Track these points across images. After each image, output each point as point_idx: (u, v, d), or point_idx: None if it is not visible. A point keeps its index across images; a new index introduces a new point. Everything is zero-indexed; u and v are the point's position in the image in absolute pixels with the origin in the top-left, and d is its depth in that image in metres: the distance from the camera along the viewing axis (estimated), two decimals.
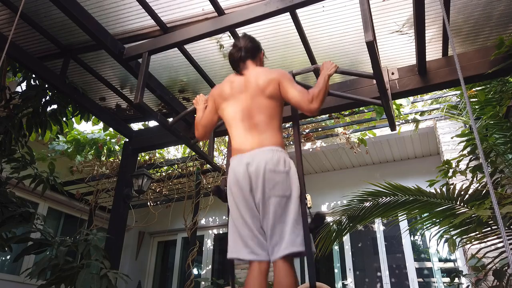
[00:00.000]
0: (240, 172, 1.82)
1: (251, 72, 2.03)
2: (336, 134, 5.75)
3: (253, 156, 1.82)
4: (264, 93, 1.93)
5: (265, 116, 1.91)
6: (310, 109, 1.86)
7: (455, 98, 5.18)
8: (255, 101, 1.93)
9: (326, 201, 6.45)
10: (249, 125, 1.92)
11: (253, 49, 2.10)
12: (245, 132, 1.92)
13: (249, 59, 2.07)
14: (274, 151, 1.83)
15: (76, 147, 5.70)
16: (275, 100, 1.94)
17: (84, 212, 6.50)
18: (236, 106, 1.98)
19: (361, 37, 3.12)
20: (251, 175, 1.79)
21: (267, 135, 1.88)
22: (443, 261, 5.73)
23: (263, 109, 1.92)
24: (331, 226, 3.61)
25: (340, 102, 3.39)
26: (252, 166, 1.80)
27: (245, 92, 1.97)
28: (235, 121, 1.97)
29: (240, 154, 1.89)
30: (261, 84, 1.94)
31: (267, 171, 1.77)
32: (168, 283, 7.54)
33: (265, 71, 2.02)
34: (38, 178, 3.48)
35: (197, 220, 5.50)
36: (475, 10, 2.92)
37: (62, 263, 2.93)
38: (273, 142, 1.86)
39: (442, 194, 2.93)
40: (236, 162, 1.88)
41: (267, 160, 1.79)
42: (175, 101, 3.93)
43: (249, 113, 1.93)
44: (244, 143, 1.90)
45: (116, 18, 3.13)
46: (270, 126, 1.90)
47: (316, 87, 1.91)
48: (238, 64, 2.06)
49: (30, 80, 3.85)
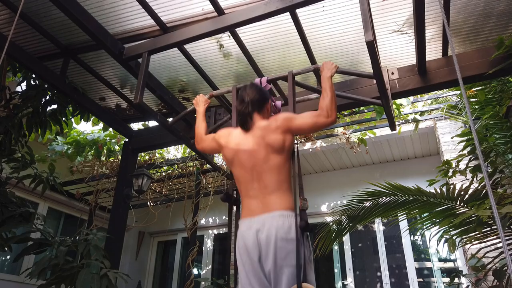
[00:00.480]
0: (250, 240, 1.76)
1: (257, 127, 1.96)
2: (336, 134, 5.75)
3: (263, 222, 1.75)
4: (272, 148, 1.87)
5: (274, 174, 1.84)
6: (330, 122, 1.88)
7: (455, 98, 5.18)
8: (263, 159, 1.87)
9: (326, 201, 6.45)
10: (258, 184, 1.86)
11: (260, 101, 2.02)
12: (254, 193, 1.86)
13: (255, 112, 2.00)
14: (284, 216, 1.75)
15: (76, 148, 5.70)
16: (283, 154, 1.88)
17: (84, 212, 6.50)
18: (243, 164, 1.92)
19: (361, 37, 3.12)
20: (261, 243, 1.73)
21: (276, 197, 1.81)
22: (443, 261, 5.73)
23: (272, 167, 1.85)
24: (331, 226, 3.61)
25: (340, 102, 3.38)
26: (262, 233, 1.73)
27: (253, 150, 1.91)
28: (243, 179, 1.92)
29: (249, 217, 1.83)
30: (271, 141, 1.88)
31: (278, 240, 1.69)
32: (168, 283, 7.54)
33: (271, 124, 1.94)
34: (38, 178, 3.48)
35: (197, 220, 5.50)
36: (475, 10, 2.93)
37: (62, 263, 2.93)
38: (283, 205, 1.79)
39: (442, 194, 2.93)
40: (245, 227, 1.82)
41: (277, 228, 1.71)
42: (175, 101, 3.93)
43: (257, 172, 1.87)
44: (253, 205, 1.84)
45: (116, 18, 3.13)
46: (280, 186, 1.83)
47: (326, 98, 1.91)
48: (246, 120, 1.99)
49: (30, 80, 3.85)
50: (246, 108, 1.98)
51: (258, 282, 1.74)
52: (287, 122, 1.91)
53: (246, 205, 1.88)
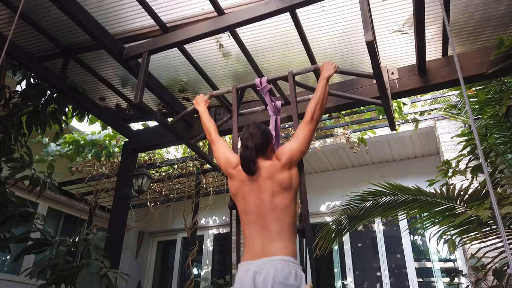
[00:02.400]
0: (247, 283, 1.69)
1: (262, 170, 1.91)
2: (336, 134, 5.75)
3: (262, 265, 1.70)
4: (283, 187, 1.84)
5: (279, 218, 1.80)
6: (314, 125, 1.95)
7: (455, 98, 5.18)
8: (269, 201, 1.83)
9: (326, 201, 6.45)
10: (261, 228, 1.81)
11: (264, 145, 1.98)
12: (256, 234, 1.81)
13: (259, 156, 1.96)
14: (285, 262, 1.69)
15: (76, 149, 5.70)
16: (291, 191, 1.86)
17: (84, 212, 6.50)
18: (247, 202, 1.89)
19: (361, 37, 3.12)
20: (257, 285, 1.66)
21: (278, 242, 1.75)
22: (443, 261, 5.73)
23: (277, 209, 1.81)
24: (331, 226, 3.61)
25: (340, 102, 3.39)
26: (260, 276, 1.67)
27: (258, 195, 1.87)
28: (246, 218, 1.89)
29: (248, 261, 1.77)
30: (279, 180, 1.85)
31: (276, 284, 1.63)
32: (168, 283, 7.54)
33: (275, 163, 1.92)
34: (35, 180, 3.46)
35: (197, 220, 5.50)
36: (476, 10, 2.93)
37: (62, 263, 2.93)
38: (285, 251, 1.73)
39: (442, 194, 2.93)
40: (243, 270, 1.76)
41: (276, 272, 1.66)
42: (175, 101, 3.93)
43: (261, 217, 1.82)
44: (254, 248, 1.79)
45: (116, 18, 3.13)
46: (283, 231, 1.78)
47: (312, 100, 1.95)
48: (249, 167, 1.91)
49: (30, 79, 3.85)
50: (250, 154, 1.92)
51: None
52: (290, 156, 1.90)
53: (247, 247, 1.83)
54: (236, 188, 1.97)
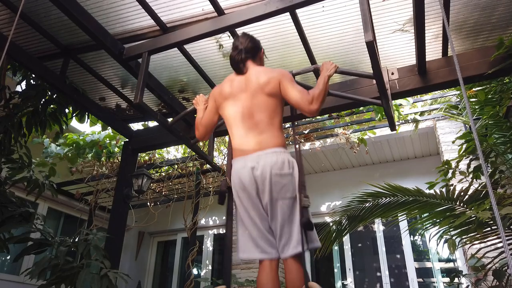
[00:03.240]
0: (246, 177, 1.85)
1: (251, 71, 2.04)
2: (336, 134, 5.75)
3: (258, 160, 1.85)
4: (264, 91, 1.94)
5: (266, 115, 1.92)
6: (310, 109, 1.87)
7: (455, 98, 5.18)
8: (255, 100, 1.95)
9: (326, 201, 6.45)
10: (250, 124, 1.93)
11: (253, 49, 2.11)
12: (246, 132, 1.93)
13: (249, 59, 2.08)
14: (277, 153, 1.85)
15: (76, 150, 5.69)
16: (275, 98, 1.95)
17: (84, 212, 6.50)
18: (236, 105, 2.00)
19: (361, 37, 3.12)
20: (257, 179, 1.83)
21: (268, 135, 1.89)
22: (443, 261, 5.73)
23: (263, 107, 1.93)
24: (331, 227, 3.61)
25: (340, 102, 3.39)
26: (257, 170, 1.83)
27: (246, 91, 1.99)
28: (235, 121, 1.98)
29: (243, 156, 1.90)
30: (261, 82, 1.96)
31: (273, 175, 1.81)
32: (168, 283, 7.54)
33: (266, 70, 2.03)
34: (33, 182, 3.46)
35: (197, 220, 5.50)
36: (476, 10, 2.93)
37: (62, 263, 2.93)
38: (275, 143, 1.88)
39: (442, 195, 2.93)
40: (240, 165, 1.90)
41: (272, 164, 1.82)
42: (175, 101, 3.93)
43: (249, 112, 1.94)
44: (246, 144, 1.91)
45: (116, 18, 3.13)
46: (271, 125, 1.91)
47: (316, 89, 1.92)
48: (238, 66, 2.07)
49: (30, 79, 3.85)
50: (239, 55, 2.06)
51: (257, 213, 1.85)
52: (282, 77, 1.96)
53: (238, 144, 1.94)
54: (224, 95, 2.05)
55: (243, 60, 2.06)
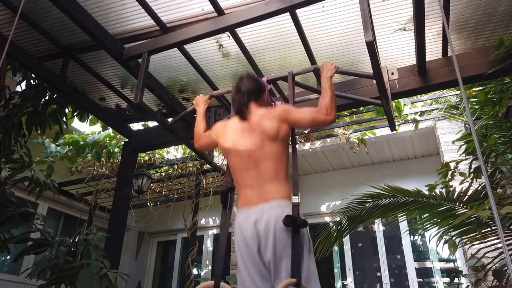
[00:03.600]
0: (248, 231, 1.74)
1: (254, 116, 1.95)
2: (336, 134, 5.75)
3: (261, 213, 1.73)
4: (269, 136, 1.86)
5: (271, 163, 1.82)
6: (329, 120, 1.86)
7: (455, 98, 5.18)
8: (259, 148, 1.86)
9: (325, 201, 6.45)
10: (255, 174, 1.83)
11: (257, 91, 2.03)
12: (250, 182, 1.84)
13: (252, 101, 2.00)
14: (282, 206, 1.73)
15: (76, 150, 5.69)
16: (280, 143, 1.87)
17: (84, 212, 6.50)
18: (240, 153, 1.90)
19: (361, 37, 3.12)
20: (259, 234, 1.72)
21: (273, 186, 1.79)
22: (443, 261, 5.73)
23: (268, 155, 1.84)
24: (331, 227, 3.61)
25: (340, 102, 3.38)
26: (261, 224, 1.72)
27: (250, 138, 1.90)
28: (240, 170, 1.90)
29: (246, 208, 1.80)
30: (265, 128, 1.87)
31: (277, 230, 1.68)
32: (168, 283, 7.54)
33: (268, 113, 1.95)
34: (35, 181, 3.46)
35: (197, 220, 5.50)
36: (476, 10, 2.93)
37: (62, 263, 2.93)
38: (280, 194, 1.77)
39: (441, 196, 2.93)
40: (243, 218, 1.79)
41: (276, 218, 1.69)
42: (175, 101, 3.93)
43: (254, 160, 1.85)
44: (250, 195, 1.81)
45: (116, 18, 3.13)
46: (277, 175, 1.81)
47: (325, 97, 1.90)
48: (241, 110, 1.99)
49: (30, 79, 3.85)
50: (242, 98, 1.99)
51: (258, 273, 1.73)
52: (285, 113, 1.90)
53: (242, 194, 1.85)
54: (228, 142, 1.97)
55: (246, 103, 1.98)
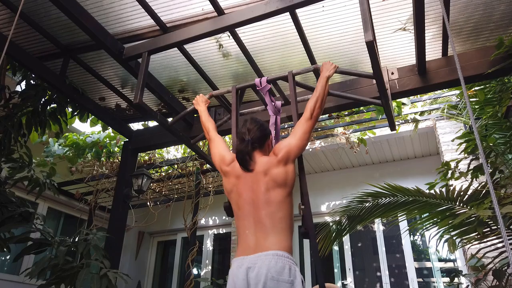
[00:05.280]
0: (239, 278, 1.65)
1: (258, 163, 1.90)
2: (336, 134, 5.75)
3: (256, 260, 1.66)
4: (278, 183, 1.81)
5: (273, 212, 1.77)
6: (313, 123, 1.93)
7: (455, 98, 5.18)
8: (263, 195, 1.80)
9: (326, 201, 6.45)
10: (255, 222, 1.78)
11: (261, 138, 1.97)
12: (251, 229, 1.78)
13: (256, 150, 1.95)
14: (279, 257, 1.65)
15: (76, 151, 5.69)
16: (287, 187, 1.83)
17: (83, 212, 6.50)
18: (242, 198, 1.86)
19: (361, 37, 3.12)
20: (250, 281, 1.62)
21: (274, 237, 1.72)
22: (443, 261, 5.73)
23: (271, 203, 1.78)
24: (331, 227, 3.61)
25: (340, 102, 3.39)
26: (253, 271, 1.63)
27: (254, 188, 1.84)
28: (241, 215, 1.85)
29: (242, 256, 1.73)
30: (274, 176, 1.83)
31: (268, 279, 1.59)
32: (168, 283, 7.54)
33: (271, 159, 1.90)
34: (34, 181, 3.46)
35: (196, 220, 5.50)
36: (476, 10, 2.92)
37: (62, 263, 2.93)
38: (279, 246, 1.69)
39: (441, 195, 2.93)
40: (236, 265, 1.72)
41: (269, 267, 1.61)
42: (175, 101, 3.93)
43: (256, 208, 1.80)
44: (248, 244, 1.75)
45: (116, 18, 3.13)
46: (279, 226, 1.75)
47: (312, 98, 1.93)
48: (245, 158, 1.90)
49: (30, 79, 3.85)
50: (246, 147, 1.91)
51: None
52: (287, 152, 1.87)
53: (241, 242, 1.80)
54: (231, 184, 1.94)
55: (249, 153, 1.91)
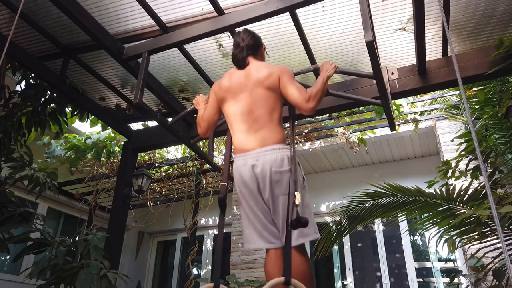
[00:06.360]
0: (247, 175, 1.90)
1: (252, 66, 2.07)
2: (336, 134, 5.75)
3: (258, 158, 1.88)
4: (263, 84, 1.97)
5: (265, 110, 1.95)
6: (307, 107, 1.90)
7: (455, 98, 5.18)
8: (254, 94, 1.97)
9: (325, 201, 6.45)
10: (249, 120, 1.96)
11: (255, 46, 2.14)
12: (246, 127, 1.96)
13: (250, 55, 2.11)
14: (276, 150, 1.88)
15: (76, 153, 5.69)
16: (274, 93, 1.98)
17: (83, 212, 6.50)
18: (236, 102, 2.02)
19: (361, 37, 3.12)
20: (257, 177, 1.87)
21: (267, 131, 1.92)
22: (442, 261, 5.73)
23: (263, 101, 1.95)
24: (331, 227, 3.61)
25: (340, 102, 3.39)
26: (257, 168, 1.87)
27: (245, 85, 2.01)
28: (235, 117, 2.01)
29: (243, 153, 1.94)
30: (261, 76, 1.98)
31: (273, 173, 1.85)
32: (167, 283, 7.53)
33: (267, 64, 2.06)
34: (35, 180, 3.46)
35: (196, 220, 5.50)
36: (476, 10, 2.93)
37: (61, 263, 2.93)
38: (274, 139, 1.91)
39: (441, 195, 2.93)
40: (241, 163, 1.93)
41: (271, 162, 1.86)
42: (175, 101, 3.93)
43: (249, 108, 1.97)
44: (246, 140, 1.95)
45: (116, 18, 3.13)
46: (271, 120, 1.94)
47: (314, 87, 1.94)
48: (239, 63, 2.10)
49: (30, 79, 3.85)
50: (241, 53, 2.09)
51: (259, 208, 1.92)
52: (282, 73, 1.98)
53: (239, 140, 1.98)
54: (224, 89, 2.06)
55: (244, 58, 2.09)
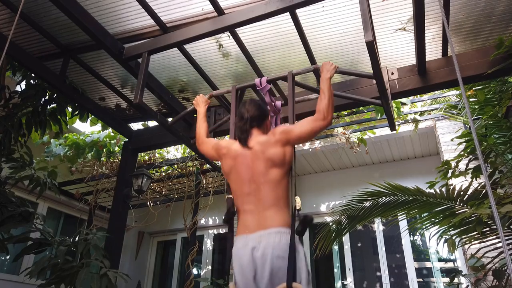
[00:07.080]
0: (245, 258, 1.70)
1: (257, 142, 1.93)
2: (336, 134, 5.75)
3: (259, 240, 1.70)
4: (275, 162, 1.84)
5: (272, 190, 1.81)
6: (326, 124, 1.88)
7: (454, 98, 5.18)
8: (262, 174, 1.84)
9: (325, 201, 6.45)
10: (255, 199, 1.82)
11: (260, 117, 2.02)
12: (250, 206, 1.82)
13: (255, 128, 1.99)
14: (281, 233, 1.70)
15: (76, 151, 5.69)
16: (284, 167, 1.86)
17: (83, 212, 6.50)
18: (241, 178, 1.89)
19: (361, 37, 3.12)
20: (256, 261, 1.68)
21: (273, 213, 1.76)
22: (442, 261, 5.73)
23: (269, 181, 1.82)
24: (331, 226, 3.61)
25: (340, 102, 3.39)
26: (258, 251, 1.68)
27: (252, 164, 1.88)
28: (240, 194, 1.89)
29: (245, 234, 1.77)
30: (271, 155, 1.85)
31: (274, 258, 1.65)
32: (167, 283, 7.53)
33: (270, 139, 1.92)
34: (35, 180, 3.46)
35: (196, 220, 5.50)
36: (476, 10, 2.93)
37: (61, 263, 2.93)
38: (279, 222, 1.74)
39: (441, 194, 2.93)
40: (240, 244, 1.76)
41: (274, 245, 1.67)
42: (175, 101, 3.93)
43: (255, 186, 1.84)
44: (248, 221, 1.80)
45: (116, 17, 3.13)
46: (277, 202, 1.79)
47: (323, 100, 1.91)
48: (243, 136, 1.96)
49: (29, 79, 3.85)
50: (245, 125, 1.97)
51: None
52: (286, 134, 1.89)
53: (242, 220, 1.84)
54: (228, 166, 1.97)
55: (248, 130, 1.97)
